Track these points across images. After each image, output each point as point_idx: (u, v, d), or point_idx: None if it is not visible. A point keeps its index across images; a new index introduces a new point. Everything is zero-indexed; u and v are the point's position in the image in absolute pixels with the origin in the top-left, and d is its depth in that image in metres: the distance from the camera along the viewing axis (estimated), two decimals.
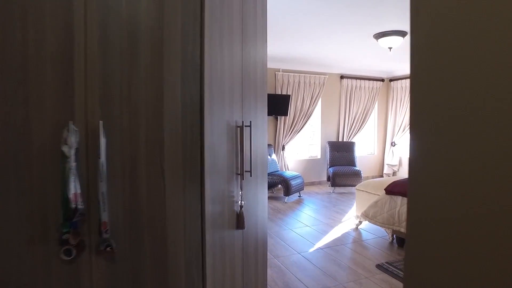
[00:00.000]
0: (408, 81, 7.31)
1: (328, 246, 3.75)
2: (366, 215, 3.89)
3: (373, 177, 7.99)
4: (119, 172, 1.30)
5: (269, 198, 6.09)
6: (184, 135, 1.37)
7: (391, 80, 7.88)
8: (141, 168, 1.32)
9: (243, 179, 1.77)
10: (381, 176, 8.11)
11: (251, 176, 1.86)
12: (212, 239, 1.49)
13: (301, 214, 5.05)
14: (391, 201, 3.68)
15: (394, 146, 7.75)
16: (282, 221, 4.67)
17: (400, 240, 3.75)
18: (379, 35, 4.41)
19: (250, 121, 1.83)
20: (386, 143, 8.06)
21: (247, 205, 1.89)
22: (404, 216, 3.53)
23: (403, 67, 7.11)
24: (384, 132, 8.15)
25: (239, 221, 1.79)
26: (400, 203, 3.58)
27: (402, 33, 4.30)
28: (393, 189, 3.68)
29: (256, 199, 2.00)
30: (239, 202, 1.78)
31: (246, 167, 1.85)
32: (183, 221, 1.40)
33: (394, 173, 7.94)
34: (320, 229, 4.33)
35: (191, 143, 1.39)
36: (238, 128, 1.76)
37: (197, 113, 1.39)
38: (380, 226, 3.75)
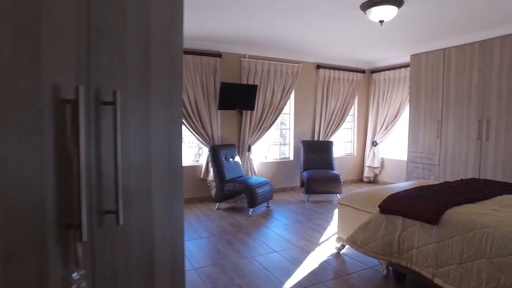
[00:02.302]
0: (392, 72, 6.46)
1: (303, 285, 2.70)
2: (353, 242, 2.87)
3: (351, 181, 7.08)
4: None
5: (230, 210, 4.99)
6: None
7: (372, 71, 6.98)
8: None
9: (83, 239, 0.67)
10: (361, 179, 7.21)
11: (119, 223, 0.76)
12: None
13: (268, 233, 3.99)
14: (388, 223, 2.68)
15: (375, 146, 6.87)
16: (243, 245, 3.59)
17: (398, 275, 2.77)
18: (368, 4, 3.42)
19: (116, 92, 0.72)
20: (366, 143, 7.17)
21: None
22: (406, 244, 2.55)
23: (387, 55, 6.21)
24: (365, 130, 7.26)
25: None
26: (401, 227, 2.59)
27: (397, 2, 3.33)
28: (391, 207, 2.68)
29: (148, 275, 0.90)
30: None
31: (106, 202, 0.76)
32: None
33: (375, 176, 7.07)
34: (292, 257, 3.28)
35: None
36: (68, 106, 0.66)
37: None
38: (373, 256, 2.75)
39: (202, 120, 5.34)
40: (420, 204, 2.54)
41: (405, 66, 6.12)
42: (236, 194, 5.10)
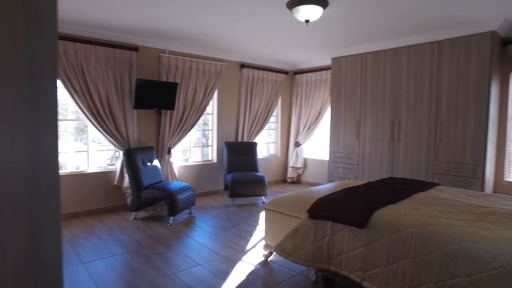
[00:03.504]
0: (314, 74, 6.61)
1: None
2: (282, 250, 2.73)
3: (275, 182, 7.09)
4: None
5: (149, 219, 4.53)
6: None
7: (295, 73, 7.08)
8: None
9: None
10: (285, 180, 7.27)
11: None
12: None
13: (191, 244, 3.66)
14: (317, 229, 2.59)
15: (298, 146, 6.98)
16: (163, 260, 3.21)
17: (327, 281, 2.70)
18: (294, 3, 3.32)
19: None
20: (289, 144, 7.25)
21: None
22: (336, 249, 2.48)
23: (309, 57, 6.33)
24: (288, 131, 7.33)
25: None
26: (331, 232, 2.51)
27: (322, 2, 3.30)
28: (319, 212, 2.60)
29: None
30: None
31: None
32: None
33: (298, 176, 7.19)
34: (217, 269, 3.02)
35: None
36: None
37: None
38: (303, 264, 2.63)
39: (115, 121, 4.75)
40: (348, 207, 2.50)
41: (326, 68, 6.31)
42: (155, 202, 4.65)
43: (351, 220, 2.39)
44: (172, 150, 5.36)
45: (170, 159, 5.32)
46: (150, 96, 4.90)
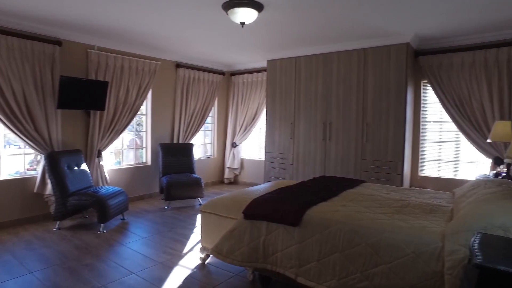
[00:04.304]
0: (250, 76, 6.70)
1: None
2: (219, 252, 2.72)
3: (212, 183, 7.05)
4: None
5: (76, 228, 4.20)
6: None
7: (232, 74, 7.11)
8: None
9: None
10: (222, 181, 7.26)
11: None
12: None
13: (124, 251, 3.47)
14: (253, 229, 2.63)
15: (235, 147, 7.02)
16: (92, 271, 2.99)
17: (263, 279, 2.75)
18: (229, 5, 3.33)
19: None
20: (226, 144, 7.25)
21: None
22: (271, 248, 2.54)
23: (246, 59, 6.41)
24: (225, 131, 7.33)
25: None
26: (266, 231, 2.57)
27: (257, 5, 3.36)
28: (254, 212, 2.64)
29: None
30: None
31: None
32: None
33: (235, 177, 7.23)
34: (152, 276, 2.91)
35: None
36: None
37: None
38: (239, 265, 2.65)
39: (34, 121, 4.31)
40: (282, 207, 2.58)
41: (262, 70, 6.44)
42: (83, 209, 4.33)
43: (285, 219, 2.48)
44: (102, 153, 5.03)
45: (101, 163, 4.99)
46: (76, 95, 4.54)
